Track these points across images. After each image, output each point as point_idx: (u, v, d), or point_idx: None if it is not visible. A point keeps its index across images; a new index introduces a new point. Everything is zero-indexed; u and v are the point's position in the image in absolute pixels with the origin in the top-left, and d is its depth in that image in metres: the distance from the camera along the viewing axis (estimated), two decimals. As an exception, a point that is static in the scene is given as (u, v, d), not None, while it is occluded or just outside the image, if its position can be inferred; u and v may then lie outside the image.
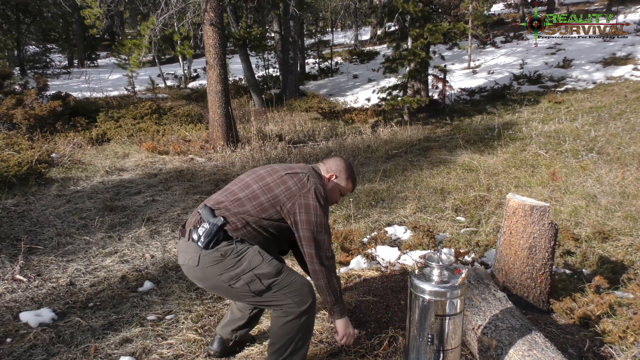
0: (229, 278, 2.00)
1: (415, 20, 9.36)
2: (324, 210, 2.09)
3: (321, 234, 2.06)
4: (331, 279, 2.08)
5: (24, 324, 2.83)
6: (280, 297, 2.03)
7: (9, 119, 8.20)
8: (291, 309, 2.02)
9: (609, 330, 2.42)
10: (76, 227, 4.45)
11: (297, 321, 2.03)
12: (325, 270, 2.06)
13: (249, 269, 1.99)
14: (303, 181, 2.09)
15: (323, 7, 23.86)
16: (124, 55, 13.37)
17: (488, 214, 4.45)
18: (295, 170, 2.15)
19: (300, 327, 2.05)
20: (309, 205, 2.05)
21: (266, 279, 2.00)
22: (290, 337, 2.05)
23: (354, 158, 7.02)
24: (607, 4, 16.93)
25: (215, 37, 7.34)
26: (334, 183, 2.27)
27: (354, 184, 2.35)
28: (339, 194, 2.32)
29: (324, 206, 2.09)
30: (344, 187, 2.30)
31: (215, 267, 2.00)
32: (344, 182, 2.29)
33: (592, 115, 8.00)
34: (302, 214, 2.04)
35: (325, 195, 2.12)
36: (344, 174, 2.29)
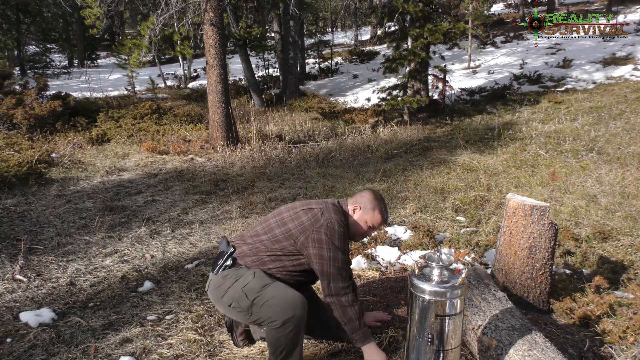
0: (228, 299, 2.14)
1: (415, 20, 9.36)
2: (337, 244, 2.12)
3: (333, 267, 2.11)
4: (345, 309, 2.11)
5: (24, 324, 2.83)
6: (265, 311, 2.08)
7: (9, 119, 8.20)
8: (274, 322, 2.06)
9: (609, 330, 2.42)
10: (76, 227, 4.45)
11: (282, 332, 2.06)
12: (338, 302, 2.11)
13: (240, 288, 2.12)
14: (317, 216, 2.16)
15: (323, 7, 23.86)
16: (124, 55, 13.38)
17: (488, 214, 4.45)
18: (311, 206, 2.23)
19: (286, 338, 2.08)
20: (321, 240, 2.12)
21: (251, 294, 2.10)
22: (279, 346, 2.10)
23: (354, 158, 7.02)
24: (607, 4, 16.93)
25: (215, 37, 7.34)
26: (358, 215, 2.27)
27: (383, 215, 2.29)
28: (366, 226, 2.28)
29: (338, 240, 2.13)
30: (370, 218, 2.26)
31: (217, 290, 2.18)
32: (369, 213, 2.26)
33: (592, 115, 8.00)
34: (314, 248, 2.12)
35: (340, 230, 2.16)
36: (369, 204, 2.27)
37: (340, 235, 2.14)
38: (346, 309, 2.11)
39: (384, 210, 2.29)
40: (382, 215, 2.28)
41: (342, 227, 2.18)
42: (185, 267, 3.66)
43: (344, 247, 2.16)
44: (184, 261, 3.77)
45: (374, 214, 2.26)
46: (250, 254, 2.21)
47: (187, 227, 4.49)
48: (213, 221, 4.65)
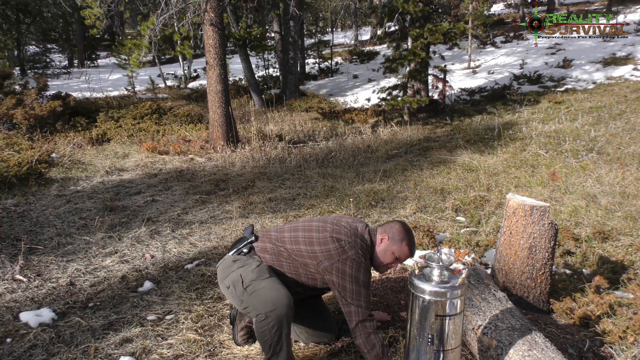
0: (229, 281, 2.22)
1: (415, 20, 9.36)
2: (361, 278, 2.15)
3: (355, 299, 2.13)
4: (369, 336, 2.12)
5: (24, 324, 2.83)
6: (252, 300, 2.13)
7: (9, 119, 8.21)
8: (259, 314, 2.10)
9: (609, 330, 2.42)
10: (76, 227, 4.45)
11: (266, 326, 2.09)
12: (360, 330, 2.12)
13: (240, 272, 2.21)
14: (344, 249, 2.19)
15: (323, 7, 23.87)
16: (124, 55, 13.38)
17: (488, 214, 4.45)
18: (340, 235, 2.24)
19: (270, 333, 2.09)
20: (345, 272, 2.15)
21: (246, 280, 2.17)
22: (266, 340, 2.12)
23: (354, 158, 7.02)
24: (607, 4, 16.93)
25: (215, 37, 7.34)
26: (386, 244, 2.27)
27: (411, 248, 2.28)
28: (393, 258, 2.27)
29: (362, 274, 2.17)
30: (397, 249, 2.26)
31: (224, 270, 2.28)
32: (397, 245, 2.25)
33: (592, 115, 8.00)
34: (338, 277, 2.16)
35: (366, 263, 2.20)
36: (398, 235, 2.26)
37: (365, 269, 2.18)
38: (370, 335, 2.11)
39: (411, 244, 2.28)
40: (409, 248, 2.27)
41: (368, 260, 2.23)
42: (185, 267, 3.66)
43: (366, 281, 2.18)
44: (184, 261, 3.77)
45: (401, 246, 2.25)
46: (272, 253, 2.30)
47: (187, 227, 4.49)
48: (213, 221, 4.65)
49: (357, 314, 2.12)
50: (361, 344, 2.13)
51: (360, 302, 2.13)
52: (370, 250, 2.27)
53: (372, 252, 2.27)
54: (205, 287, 3.32)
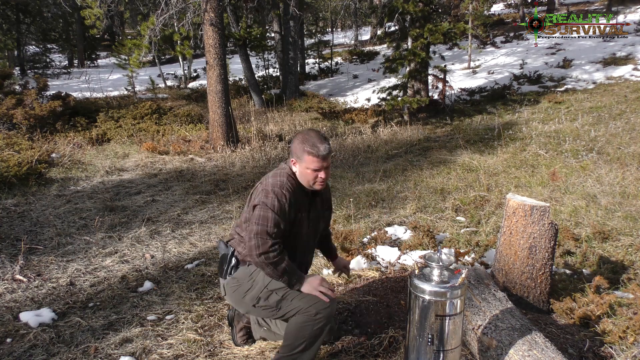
0: (251, 299, 2.19)
1: (415, 20, 9.36)
2: (269, 204, 2.08)
3: (261, 225, 2.06)
4: (277, 265, 2.07)
5: (24, 324, 2.83)
6: (297, 304, 2.13)
7: (9, 119, 8.21)
8: (308, 310, 2.10)
9: (609, 330, 2.42)
10: (76, 227, 4.45)
11: (312, 321, 2.10)
12: (264, 260, 2.06)
13: (264, 287, 2.17)
14: (267, 180, 2.17)
15: (323, 7, 23.87)
16: (124, 55, 13.37)
17: (488, 214, 4.45)
18: (266, 175, 2.23)
19: (314, 327, 2.11)
20: (265, 203, 2.09)
21: (281, 290, 2.15)
22: (304, 336, 2.12)
23: (354, 158, 7.02)
24: (607, 4, 16.93)
25: (215, 37, 7.34)
26: (298, 167, 2.17)
27: (313, 153, 2.09)
28: (311, 173, 2.13)
29: (271, 200, 2.08)
30: (307, 163, 2.11)
31: (237, 292, 2.23)
32: (303, 160, 2.12)
33: (592, 115, 8.00)
34: (260, 210, 2.10)
35: (277, 191, 2.10)
36: (299, 152, 2.13)
37: (274, 196, 2.08)
38: (278, 264, 2.07)
39: (312, 147, 2.09)
40: (312, 155, 2.09)
41: (280, 189, 2.11)
42: (185, 267, 3.66)
43: (277, 207, 2.08)
44: (184, 261, 3.77)
45: (307, 159, 2.10)
46: (239, 243, 2.25)
47: (187, 227, 4.49)
48: (213, 221, 4.65)
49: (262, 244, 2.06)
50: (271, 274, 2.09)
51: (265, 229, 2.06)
52: (290, 178, 2.17)
53: (293, 179, 2.18)
54: (205, 287, 3.32)
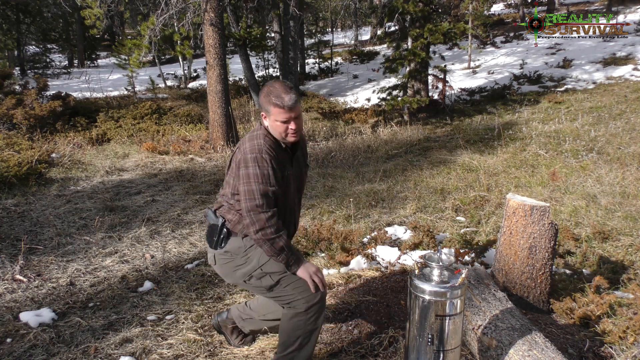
0: (243, 275, 2.16)
1: (415, 20, 9.36)
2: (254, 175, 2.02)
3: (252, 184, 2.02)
4: (274, 242, 2.02)
5: (24, 324, 2.83)
6: (290, 292, 2.10)
7: (9, 119, 8.20)
8: (299, 304, 2.09)
9: (609, 331, 2.42)
10: (76, 227, 4.45)
11: (304, 317, 2.10)
12: (261, 237, 2.01)
13: (258, 266, 2.12)
14: (244, 145, 2.10)
15: (323, 7, 23.86)
16: (124, 55, 13.37)
17: (488, 214, 4.45)
18: (243, 140, 2.17)
19: (307, 323, 2.11)
20: (247, 174, 2.04)
21: (275, 275, 2.11)
22: (297, 333, 2.12)
23: (354, 158, 7.02)
24: (607, 4, 16.93)
25: (215, 37, 7.33)
26: (268, 120, 2.10)
27: (280, 101, 2.02)
28: (281, 125, 2.06)
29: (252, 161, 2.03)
30: (275, 115, 2.04)
31: (228, 265, 2.17)
32: (272, 112, 2.05)
33: (592, 115, 8.00)
34: (243, 184, 2.05)
35: (259, 156, 2.03)
36: (266, 105, 2.06)
37: (255, 164, 2.03)
38: (275, 240, 2.02)
39: (277, 98, 2.02)
40: (278, 107, 2.02)
41: (259, 153, 2.04)
42: (185, 267, 3.66)
43: (260, 175, 2.02)
44: (184, 261, 3.77)
45: (274, 111, 2.03)
46: (237, 220, 2.16)
47: (187, 227, 4.49)
48: (213, 221, 4.65)
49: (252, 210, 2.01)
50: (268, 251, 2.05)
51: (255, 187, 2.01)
52: (263, 137, 2.10)
53: (267, 136, 2.11)
54: (205, 287, 3.32)
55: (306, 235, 3.88)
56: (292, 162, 2.20)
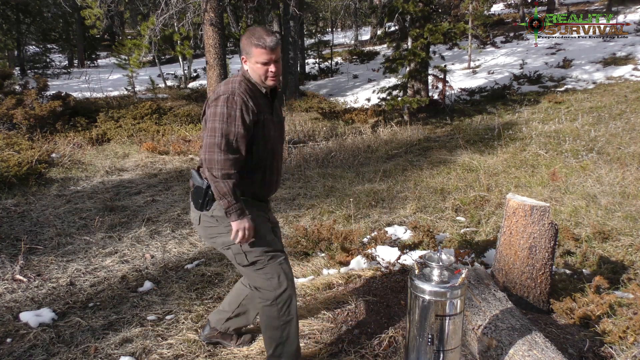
0: (223, 243, 2.16)
1: (415, 20, 9.36)
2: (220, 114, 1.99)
3: (210, 138, 1.99)
4: (218, 184, 1.99)
5: (24, 324, 2.83)
6: (260, 276, 2.14)
7: (9, 119, 8.20)
8: (265, 293, 2.14)
9: (609, 331, 2.42)
10: (76, 227, 4.45)
11: (275, 307, 2.13)
12: (210, 175, 2.00)
13: (237, 243, 2.10)
14: (219, 88, 2.08)
15: (323, 7, 23.87)
16: (124, 55, 13.37)
17: (488, 214, 4.45)
18: (219, 84, 2.15)
19: (280, 314, 2.13)
20: (214, 113, 2.02)
21: (251, 255, 2.13)
22: (274, 324, 2.15)
23: (354, 158, 7.02)
24: (607, 4, 16.93)
25: (215, 37, 7.34)
26: (249, 64, 2.08)
27: (262, 42, 2.01)
28: (262, 67, 2.05)
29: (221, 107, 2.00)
30: (256, 57, 2.03)
31: (211, 229, 2.16)
32: (253, 54, 2.03)
33: (592, 115, 8.00)
34: (209, 122, 2.03)
35: (230, 97, 2.01)
36: (247, 47, 2.05)
37: (224, 104, 2.00)
38: (219, 183, 1.99)
39: (258, 39, 2.02)
40: (260, 47, 2.01)
41: (231, 95, 2.01)
42: (185, 267, 3.66)
43: (226, 115, 1.99)
44: (184, 261, 3.77)
45: (255, 52, 2.03)
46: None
47: (187, 227, 4.49)
48: (213, 221, 4.65)
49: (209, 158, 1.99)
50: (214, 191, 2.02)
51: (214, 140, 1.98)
52: (241, 82, 2.08)
53: (245, 81, 2.09)
54: (205, 287, 3.32)
55: (306, 235, 3.88)
56: (272, 109, 2.18)
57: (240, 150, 2.03)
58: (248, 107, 2.02)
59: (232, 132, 2.00)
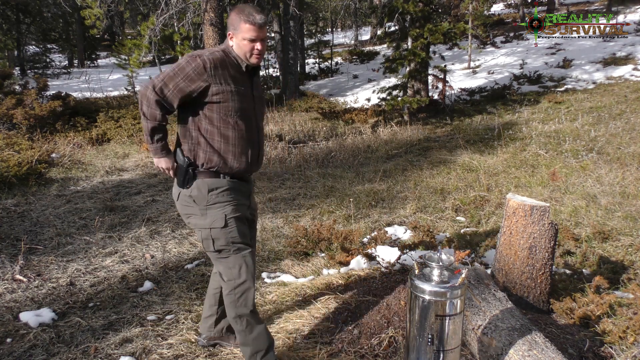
0: (194, 224, 2.19)
1: (415, 20, 9.36)
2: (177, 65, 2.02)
3: (156, 77, 2.03)
4: (147, 120, 2.07)
5: (24, 324, 2.83)
6: (223, 263, 2.18)
7: (9, 119, 8.20)
8: (226, 283, 2.19)
9: (609, 330, 2.42)
10: (76, 227, 4.45)
11: (233, 297, 2.19)
12: (140, 110, 2.06)
13: (208, 227, 2.14)
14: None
15: (323, 7, 23.87)
16: (124, 55, 13.35)
17: (488, 214, 4.45)
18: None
19: (236, 305, 2.18)
20: (174, 64, 2.06)
21: (217, 243, 2.15)
22: (233, 313, 2.20)
23: (354, 158, 7.02)
24: (607, 4, 16.93)
25: (215, 37, 7.34)
26: (235, 39, 2.09)
27: (251, 18, 2.02)
28: (248, 44, 2.06)
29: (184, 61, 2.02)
30: (245, 32, 2.04)
31: (187, 208, 2.18)
32: (241, 29, 2.04)
33: (592, 115, 8.00)
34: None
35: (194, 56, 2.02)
36: (235, 23, 2.06)
37: (186, 58, 2.02)
38: (147, 122, 2.06)
39: (248, 16, 2.03)
40: (249, 23, 2.03)
41: (198, 56, 2.02)
42: (185, 267, 3.66)
43: (181, 68, 2.01)
44: (184, 261, 3.77)
45: (243, 27, 2.04)
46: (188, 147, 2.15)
47: (187, 227, 4.49)
48: (213, 221, 4.65)
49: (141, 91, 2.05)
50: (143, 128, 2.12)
51: (157, 78, 2.03)
52: (223, 51, 2.09)
53: (229, 52, 2.11)
54: (205, 287, 3.31)
55: (306, 235, 3.88)
56: (250, 83, 2.18)
57: (172, 102, 2.05)
58: (205, 70, 2.01)
59: (173, 82, 2.01)
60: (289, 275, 3.49)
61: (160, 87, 2.02)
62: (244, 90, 2.13)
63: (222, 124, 2.10)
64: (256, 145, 2.23)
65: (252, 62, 2.12)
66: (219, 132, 2.11)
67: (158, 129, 2.10)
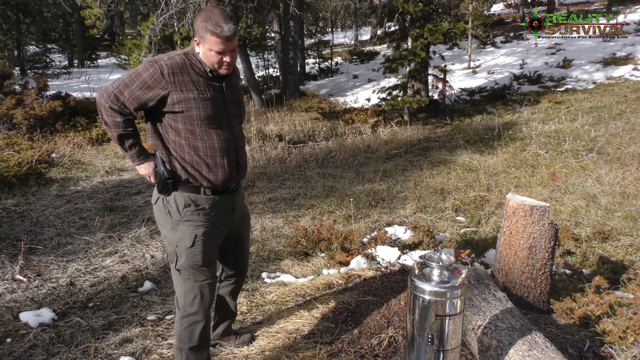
0: (163, 235, 2.14)
1: (415, 20, 9.36)
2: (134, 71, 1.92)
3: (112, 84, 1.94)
4: (108, 130, 1.99)
5: (24, 324, 2.83)
6: (180, 285, 2.13)
7: (9, 119, 8.20)
8: (179, 307, 2.16)
9: (609, 330, 2.42)
10: (76, 227, 4.45)
11: (179, 325, 2.16)
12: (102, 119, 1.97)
13: (175, 243, 2.07)
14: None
15: (323, 7, 23.87)
16: (124, 55, 13.35)
17: (488, 214, 4.45)
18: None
19: (179, 335, 2.16)
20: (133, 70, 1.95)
21: (179, 262, 2.08)
22: (176, 345, 2.20)
23: (354, 158, 7.02)
24: (607, 4, 16.93)
25: (215, 37, 7.33)
26: (201, 47, 1.94)
27: (218, 29, 1.86)
28: (216, 56, 1.92)
29: (142, 67, 1.92)
30: (212, 44, 1.89)
31: (161, 216, 2.10)
32: (207, 40, 1.88)
33: (592, 115, 8.00)
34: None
35: (151, 62, 1.91)
36: (202, 32, 1.89)
37: (144, 64, 1.92)
38: (110, 131, 1.97)
39: (215, 26, 1.86)
40: (216, 35, 1.86)
41: (156, 61, 1.91)
42: (185, 267, 3.66)
43: (137, 74, 1.90)
44: (184, 261, 3.77)
45: (210, 40, 1.88)
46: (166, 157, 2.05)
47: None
48: (213, 221, 4.64)
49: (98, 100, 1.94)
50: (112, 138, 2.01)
51: (112, 86, 1.93)
52: (190, 56, 1.97)
53: (193, 56, 1.97)
54: (205, 287, 3.32)
55: (306, 235, 3.88)
56: (224, 88, 2.03)
57: (130, 110, 1.94)
58: (163, 77, 1.88)
59: (129, 90, 1.90)
60: (289, 275, 3.49)
61: (115, 95, 1.91)
62: (211, 95, 1.97)
63: (189, 135, 1.97)
64: (233, 153, 2.07)
65: (221, 74, 1.99)
66: (187, 143, 1.98)
67: (125, 135, 2.00)
